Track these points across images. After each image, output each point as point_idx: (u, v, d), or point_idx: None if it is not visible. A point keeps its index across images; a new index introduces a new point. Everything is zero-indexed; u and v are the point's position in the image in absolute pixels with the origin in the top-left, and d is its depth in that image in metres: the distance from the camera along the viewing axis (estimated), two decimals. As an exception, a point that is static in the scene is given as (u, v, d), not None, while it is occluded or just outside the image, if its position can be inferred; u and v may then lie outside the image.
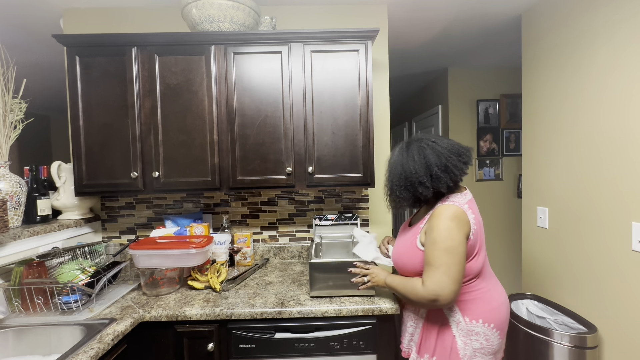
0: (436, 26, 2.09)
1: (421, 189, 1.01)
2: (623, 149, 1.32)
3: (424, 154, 1.03)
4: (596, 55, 1.43)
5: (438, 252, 0.95)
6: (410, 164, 1.04)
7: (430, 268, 0.96)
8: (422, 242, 1.02)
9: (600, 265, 1.43)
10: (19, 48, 2.22)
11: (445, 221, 0.96)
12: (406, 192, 1.05)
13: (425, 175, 1.01)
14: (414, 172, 1.02)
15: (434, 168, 1.00)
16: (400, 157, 1.08)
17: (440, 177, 1.00)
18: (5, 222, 1.25)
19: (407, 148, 1.08)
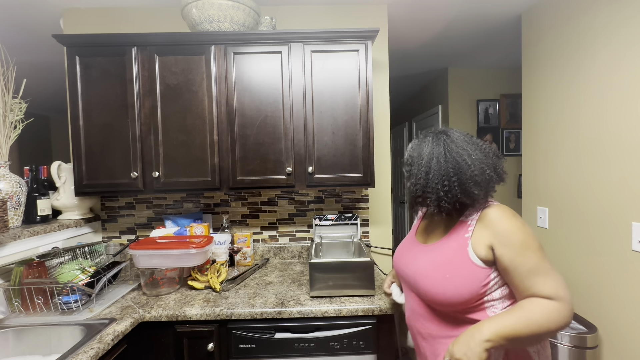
0: (436, 26, 2.09)
1: (476, 190, 0.80)
2: (623, 149, 1.32)
3: (472, 148, 0.84)
4: (597, 55, 1.43)
5: (538, 253, 0.75)
6: (465, 157, 0.82)
7: (544, 276, 0.73)
8: (482, 255, 0.78)
9: (600, 265, 1.43)
10: (19, 48, 2.22)
11: (515, 219, 0.78)
12: (451, 194, 0.81)
13: (480, 172, 0.81)
14: (470, 167, 0.81)
15: (485, 168, 0.82)
16: (444, 147, 0.84)
17: (492, 178, 0.82)
18: (5, 222, 1.25)
19: (449, 137, 0.86)
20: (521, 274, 0.74)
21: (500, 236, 0.77)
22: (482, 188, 0.81)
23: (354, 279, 1.27)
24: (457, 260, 0.80)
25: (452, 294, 0.78)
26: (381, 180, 1.88)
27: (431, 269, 0.84)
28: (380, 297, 1.28)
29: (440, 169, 0.82)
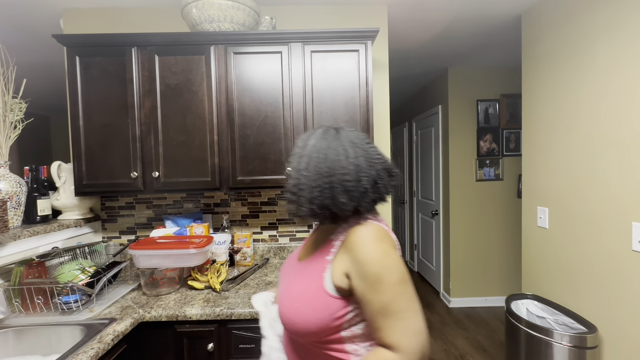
0: (436, 26, 2.10)
1: (344, 199, 0.68)
2: (623, 149, 1.32)
3: (355, 153, 0.71)
4: (596, 55, 1.43)
5: (392, 289, 0.62)
6: (342, 158, 0.70)
7: (392, 319, 0.62)
8: (338, 284, 0.66)
9: (600, 265, 1.43)
10: (19, 48, 2.22)
11: (376, 244, 0.65)
12: (322, 197, 0.68)
13: (355, 181, 0.68)
14: (343, 173, 0.69)
15: (364, 178, 0.69)
16: (326, 143, 0.73)
17: (367, 192, 0.69)
18: (5, 222, 1.25)
19: (337, 135, 0.74)
20: (372, 312, 0.63)
21: (357, 264, 0.64)
22: (353, 199, 0.68)
23: (354, 279, 1.27)
24: (310, 286, 0.70)
25: (300, 324, 0.68)
26: (381, 180, 1.87)
27: (286, 292, 0.74)
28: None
29: (318, 164, 0.71)
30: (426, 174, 3.67)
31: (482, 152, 3.04)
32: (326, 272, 0.69)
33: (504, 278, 3.12)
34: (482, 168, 3.05)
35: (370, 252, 0.64)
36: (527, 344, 1.48)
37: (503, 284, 3.12)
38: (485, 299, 3.12)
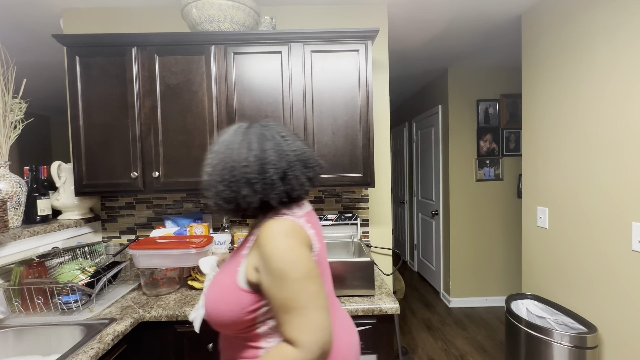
0: (436, 26, 2.10)
1: (245, 192, 0.69)
2: (623, 149, 1.32)
3: (262, 146, 0.72)
4: (596, 55, 1.43)
5: (295, 285, 0.63)
6: (244, 151, 0.71)
7: (293, 314, 0.63)
8: (250, 279, 0.69)
9: (600, 265, 1.43)
10: (19, 48, 2.22)
11: (283, 240, 0.66)
12: (228, 191, 0.71)
13: (257, 173, 0.70)
14: (244, 165, 0.70)
15: (270, 169, 0.70)
16: (234, 138, 0.75)
17: (274, 185, 0.70)
18: (5, 222, 1.25)
19: (247, 130, 0.76)
20: (275, 307, 0.65)
21: (263, 259, 0.66)
22: (257, 191, 0.69)
23: (354, 279, 1.27)
24: (227, 280, 0.72)
25: (216, 316, 0.70)
26: (381, 180, 1.88)
27: (211, 284, 0.76)
28: (380, 297, 1.28)
29: (224, 159, 0.72)
30: (426, 174, 3.67)
31: (482, 152, 3.04)
32: (241, 267, 0.71)
33: (504, 278, 3.12)
34: (482, 168, 3.05)
35: (275, 247, 0.65)
36: (527, 344, 1.48)
37: (503, 284, 3.12)
38: (485, 299, 3.12)
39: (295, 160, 0.73)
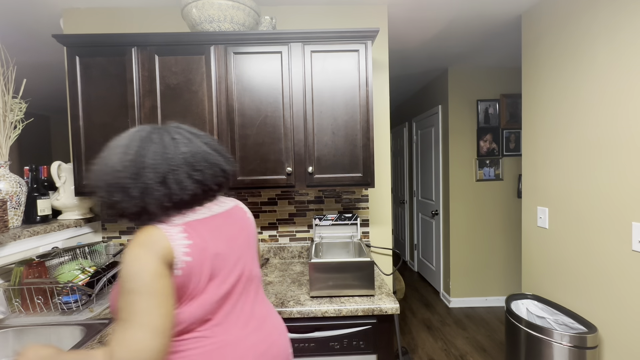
0: (436, 26, 2.10)
1: (119, 197, 0.68)
2: (623, 149, 1.32)
3: (142, 150, 0.70)
4: (596, 55, 1.43)
5: (127, 296, 0.63)
6: (119, 155, 0.69)
7: (119, 325, 0.63)
8: None
9: (600, 265, 1.43)
10: (19, 48, 2.22)
11: (134, 249, 0.65)
12: (105, 196, 0.69)
13: (131, 178, 0.67)
14: (118, 169, 0.68)
15: (147, 173, 0.68)
16: (118, 142, 0.73)
17: (150, 189, 0.68)
18: (5, 222, 1.25)
19: (135, 133, 0.75)
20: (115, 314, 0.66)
21: None
22: (132, 197, 0.68)
23: (354, 279, 1.27)
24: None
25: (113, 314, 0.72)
26: (381, 180, 1.88)
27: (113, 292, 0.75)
28: (380, 297, 1.28)
29: (104, 161, 0.71)
30: (426, 174, 3.67)
31: (482, 152, 3.04)
32: None
33: (504, 278, 3.12)
34: (482, 168, 3.05)
35: (126, 255, 0.65)
36: (527, 344, 1.48)
37: (503, 284, 3.12)
38: (485, 299, 3.12)
39: (181, 164, 0.72)
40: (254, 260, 0.91)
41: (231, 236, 0.83)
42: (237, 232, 0.86)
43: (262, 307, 0.88)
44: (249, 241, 0.89)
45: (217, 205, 0.85)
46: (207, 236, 0.75)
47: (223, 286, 0.76)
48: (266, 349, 0.79)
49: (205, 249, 0.73)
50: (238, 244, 0.84)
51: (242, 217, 0.91)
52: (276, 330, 0.86)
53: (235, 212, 0.90)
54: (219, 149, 0.83)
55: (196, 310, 0.71)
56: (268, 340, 0.81)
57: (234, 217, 0.88)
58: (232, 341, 0.75)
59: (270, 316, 0.88)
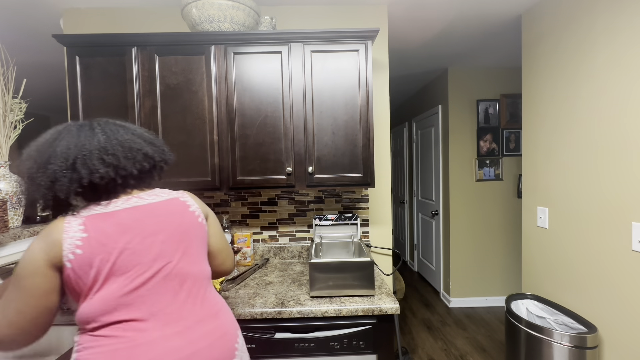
0: (436, 26, 2.10)
1: (30, 187, 0.72)
2: (623, 149, 1.32)
3: (54, 141, 0.74)
4: (596, 55, 1.43)
5: (11, 279, 0.71)
6: (33, 147, 0.74)
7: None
8: None
9: (600, 265, 1.43)
10: (19, 48, 2.22)
11: (34, 241, 0.70)
12: (22, 189, 0.74)
13: (39, 167, 0.71)
14: (26, 159, 0.72)
15: (56, 162, 0.71)
16: (42, 135, 0.77)
17: (60, 177, 0.71)
18: (5, 222, 1.25)
19: (66, 124, 0.79)
20: None
21: None
22: (38, 186, 0.71)
23: (354, 279, 1.27)
24: None
25: None
26: (381, 180, 1.88)
27: None
28: (380, 297, 1.28)
29: (25, 155, 0.75)
30: (426, 174, 3.67)
31: (482, 152, 3.04)
32: None
33: (504, 278, 3.12)
34: (482, 168, 3.05)
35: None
36: (527, 344, 1.48)
37: (503, 284, 3.12)
38: (485, 299, 3.12)
39: (93, 149, 0.74)
40: (189, 258, 0.83)
41: (151, 231, 0.78)
42: (160, 227, 0.79)
43: (200, 310, 0.81)
44: (181, 237, 0.82)
45: (149, 196, 0.83)
46: (111, 230, 0.73)
47: (132, 283, 0.73)
48: (187, 356, 0.73)
49: (104, 243, 0.72)
50: (160, 239, 0.78)
51: (175, 211, 0.83)
52: (207, 338, 0.78)
53: (165, 205, 0.83)
54: (148, 138, 0.85)
55: (99, 305, 0.70)
56: (191, 348, 0.75)
57: (160, 210, 0.81)
58: (145, 342, 0.71)
59: (206, 322, 0.80)
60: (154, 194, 0.84)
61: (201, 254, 0.87)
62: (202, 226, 0.89)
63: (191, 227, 0.85)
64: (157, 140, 0.88)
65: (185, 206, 0.87)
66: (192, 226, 0.85)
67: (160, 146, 0.87)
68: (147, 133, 0.87)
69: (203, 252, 0.88)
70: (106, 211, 0.75)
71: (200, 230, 0.88)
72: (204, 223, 0.90)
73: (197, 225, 0.87)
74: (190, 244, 0.84)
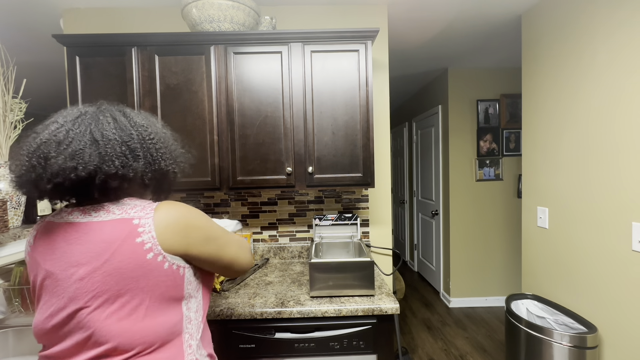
0: (436, 26, 2.10)
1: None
2: (623, 149, 1.32)
3: None
4: (596, 55, 1.43)
5: None
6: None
7: None
8: None
9: (600, 265, 1.43)
10: (19, 48, 2.22)
11: None
12: None
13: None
14: None
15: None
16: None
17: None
18: (5, 222, 1.25)
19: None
20: None
21: None
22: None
23: (354, 279, 1.27)
24: None
25: None
26: (381, 180, 1.88)
27: None
28: (380, 297, 1.28)
29: None
30: (426, 174, 3.67)
31: (482, 152, 3.04)
32: None
33: (504, 278, 3.12)
34: (482, 168, 3.05)
35: None
36: (527, 344, 1.48)
37: (503, 284, 3.12)
38: (485, 299, 3.12)
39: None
40: (117, 312, 0.60)
41: (74, 261, 0.60)
42: (84, 257, 0.60)
43: None
44: (108, 278, 0.60)
45: (97, 211, 0.64)
46: (43, 247, 0.63)
47: (48, 322, 0.61)
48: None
49: (37, 261, 0.63)
50: (79, 273, 0.60)
51: (111, 240, 0.61)
52: None
53: (105, 229, 0.62)
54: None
55: (34, 325, 0.63)
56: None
57: (95, 235, 0.61)
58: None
59: None
60: (106, 209, 0.64)
61: (142, 309, 0.62)
62: (156, 265, 0.62)
63: (130, 266, 0.61)
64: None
65: (132, 234, 0.61)
66: (132, 264, 0.61)
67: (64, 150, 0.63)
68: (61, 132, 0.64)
69: (151, 306, 0.63)
70: (56, 221, 0.65)
71: (150, 271, 0.62)
72: (159, 261, 0.63)
73: (143, 263, 0.61)
74: (124, 290, 0.61)
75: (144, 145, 0.69)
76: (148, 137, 0.71)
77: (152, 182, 0.72)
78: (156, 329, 0.63)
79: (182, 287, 0.67)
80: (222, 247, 0.74)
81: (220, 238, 0.74)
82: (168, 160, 0.74)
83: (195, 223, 0.69)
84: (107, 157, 0.62)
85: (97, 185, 0.63)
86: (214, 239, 0.72)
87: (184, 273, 0.68)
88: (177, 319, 0.67)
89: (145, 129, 0.71)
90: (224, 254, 0.74)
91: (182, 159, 0.80)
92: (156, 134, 0.74)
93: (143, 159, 0.68)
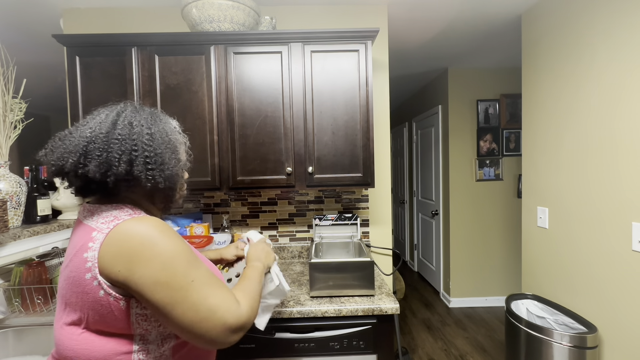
0: (436, 26, 2.10)
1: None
2: (623, 149, 1.32)
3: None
4: (596, 55, 1.43)
5: None
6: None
7: None
8: None
9: (600, 265, 1.43)
10: (19, 48, 2.22)
11: None
12: None
13: None
14: None
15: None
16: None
17: None
18: (5, 222, 1.25)
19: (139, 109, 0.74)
20: None
21: None
22: None
23: (354, 279, 1.27)
24: None
25: None
26: (381, 180, 1.88)
27: None
28: (380, 297, 1.28)
29: None
30: (426, 174, 3.67)
31: (482, 152, 3.04)
32: None
33: (504, 278, 3.12)
34: (482, 168, 3.05)
35: None
36: (527, 344, 1.48)
37: (503, 284, 3.12)
38: (485, 299, 3.12)
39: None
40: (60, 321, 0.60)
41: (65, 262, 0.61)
42: (65, 261, 0.61)
43: None
44: (63, 284, 0.59)
45: (88, 212, 0.65)
46: None
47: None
48: None
49: None
50: (63, 275, 0.61)
51: (73, 247, 0.60)
52: None
53: (77, 234, 0.62)
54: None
55: None
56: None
57: (72, 236, 0.63)
58: None
59: None
60: (93, 212, 0.63)
61: (82, 324, 0.58)
62: (91, 289, 0.56)
63: (75, 280, 0.57)
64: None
65: (83, 247, 0.58)
66: (75, 278, 0.57)
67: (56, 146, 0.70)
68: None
69: (91, 327, 0.58)
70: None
71: (86, 293, 0.56)
72: (95, 285, 0.56)
73: (81, 282, 0.56)
74: (71, 300, 0.58)
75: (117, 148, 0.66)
76: (135, 144, 0.66)
77: (140, 190, 0.67)
78: (97, 348, 0.57)
79: (127, 323, 0.57)
80: (177, 303, 0.55)
81: (180, 290, 0.55)
82: (154, 170, 0.66)
83: (147, 255, 0.55)
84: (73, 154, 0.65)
85: (75, 183, 0.66)
86: (169, 287, 0.55)
87: (127, 308, 0.57)
88: (125, 349, 0.59)
89: (139, 135, 0.69)
90: (175, 313, 0.55)
91: (170, 172, 0.69)
92: (148, 142, 0.69)
93: (125, 163, 0.64)
